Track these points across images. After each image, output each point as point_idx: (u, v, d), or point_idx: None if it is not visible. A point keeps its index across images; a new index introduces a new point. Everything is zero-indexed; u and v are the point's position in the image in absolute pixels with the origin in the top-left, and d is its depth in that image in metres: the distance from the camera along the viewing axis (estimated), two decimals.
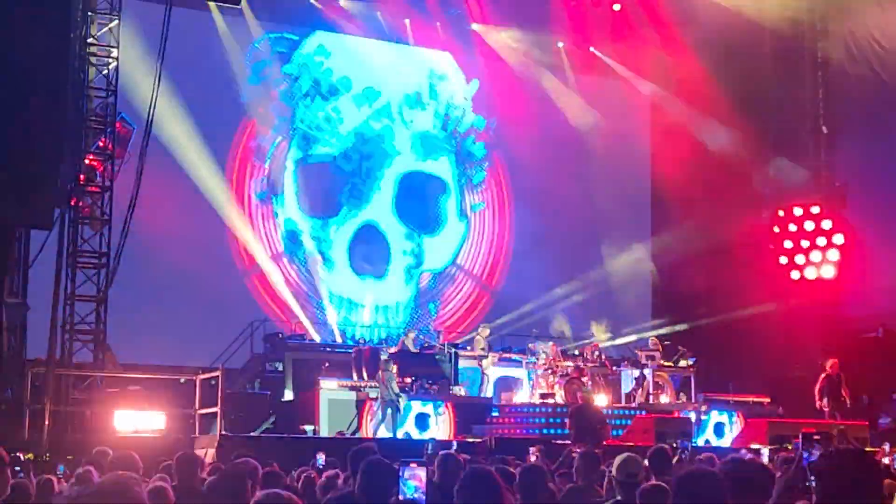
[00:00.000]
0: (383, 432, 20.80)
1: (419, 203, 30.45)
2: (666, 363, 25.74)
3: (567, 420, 19.38)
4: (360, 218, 29.42)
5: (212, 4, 25.66)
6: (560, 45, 31.44)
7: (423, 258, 30.17)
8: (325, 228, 28.95)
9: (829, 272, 29.35)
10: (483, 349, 24.73)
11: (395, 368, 21.44)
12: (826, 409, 23.01)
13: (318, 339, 26.83)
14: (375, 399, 21.44)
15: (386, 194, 29.83)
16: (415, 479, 5.80)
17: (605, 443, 17.09)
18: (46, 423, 17.49)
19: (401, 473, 5.93)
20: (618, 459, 7.41)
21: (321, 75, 29.18)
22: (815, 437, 5.21)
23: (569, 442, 17.13)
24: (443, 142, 30.82)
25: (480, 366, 24.67)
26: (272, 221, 28.49)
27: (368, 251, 29.43)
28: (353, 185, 29.41)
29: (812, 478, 4.97)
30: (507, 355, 25.92)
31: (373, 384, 21.92)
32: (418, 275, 30.08)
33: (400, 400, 21.35)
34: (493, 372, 25.10)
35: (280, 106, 28.75)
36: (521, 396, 24.86)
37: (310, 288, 28.54)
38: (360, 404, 21.71)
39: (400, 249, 29.88)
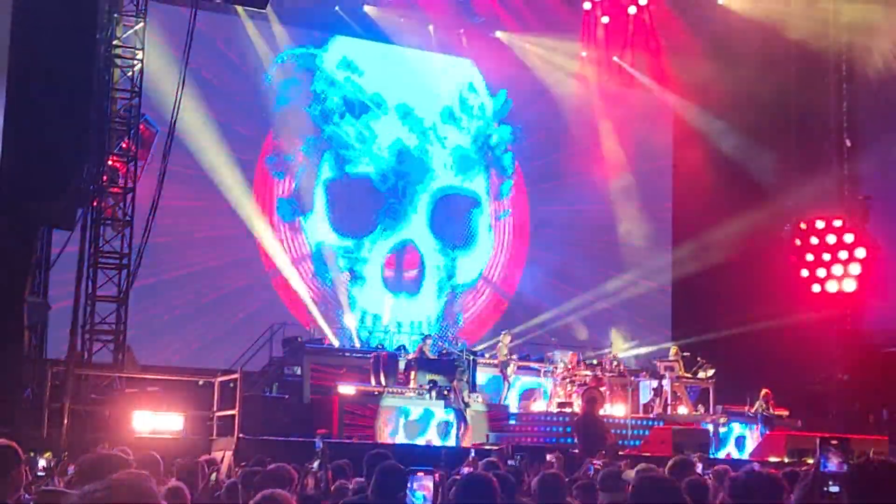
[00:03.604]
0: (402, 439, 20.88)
1: (453, 220, 30.38)
2: (685, 374, 25.68)
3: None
4: (397, 236, 29.43)
5: (238, 8, 25.73)
6: (584, 53, 31.43)
7: (455, 274, 30.16)
8: (359, 246, 28.89)
9: (850, 286, 29.21)
10: (506, 356, 24.73)
11: (466, 378, 21.79)
12: None
13: (336, 343, 26.85)
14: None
15: (422, 212, 29.81)
16: (422, 489, 5.83)
17: (609, 443, 17.06)
18: (65, 422, 17.55)
19: (409, 484, 5.97)
20: (637, 474, 7.32)
21: (350, 93, 29.05)
22: (833, 442, 5.19)
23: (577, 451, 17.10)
24: (477, 158, 30.79)
25: (503, 373, 24.67)
26: (296, 230, 28.45)
27: (403, 268, 29.40)
28: (390, 205, 29.36)
29: (830, 483, 4.96)
30: (526, 363, 25.95)
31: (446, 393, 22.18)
32: (448, 289, 30.08)
33: (467, 410, 21.54)
34: (516, 380, 25.15)
35: (309, 125, 28.65)
36: (539, 405, 24.86)
37: (331, 295, 28.54)
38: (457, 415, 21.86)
39: (434, 265, 29.89)
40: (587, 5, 30.37)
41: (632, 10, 30.31)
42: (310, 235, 28.63)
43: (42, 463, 11.16)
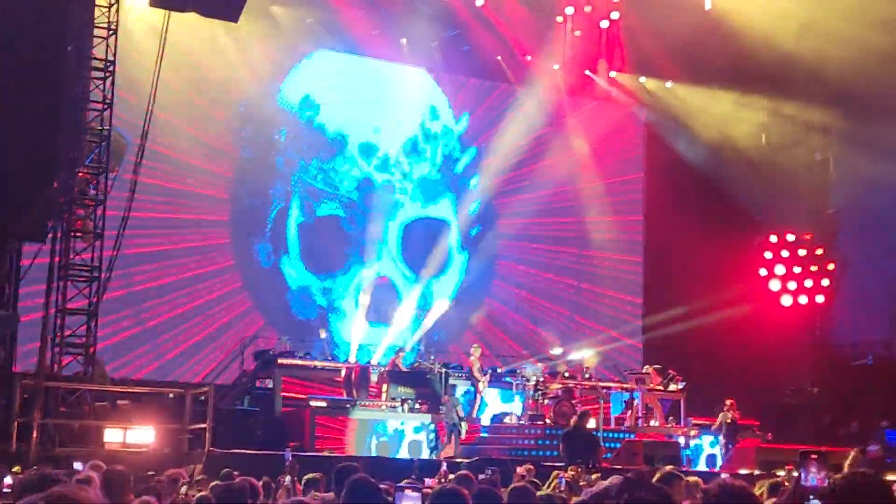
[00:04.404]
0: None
1: (424, 248, 30.06)
2: (656, 387, 25.76)
3: (558, 442, 19.40)
4: (370, 271, 29.18)
5: (214, 21, 25.65)
6: (555, 67, 31.52)
7: (431, 301, 29.81)
8: (333, 283, 28.81)
9: (820, 299, 29.41)
10: (479, 369, 24.73)
11: (459, 394, 22.42)
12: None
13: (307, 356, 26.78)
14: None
15: (391, 245, 29.71)
16: None
17: (601, 465, 17.11)
18: (34, 436, 17.42)
19: (396, 501, 5.94)
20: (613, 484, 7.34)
21: (312, 136, 28.90)
22: (813, 455, 5.21)
23: (557, 464, 17.11)
24: (441, 184, 30.69)
25: (476, 386, 24.67)
26: (275, 272, 28.30)
27: (378, 300, 29.13)
28: (359, 245, 29.24)
29: (811, 497, 4.97)
30: (498, 375, 25.96)
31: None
32: (424, 315, 29.80)
33: (461, 425, 21.66)
34: (488, 394, 25.19)
35: (274, 172, 28.55)
36: (511, 418, 24.87)
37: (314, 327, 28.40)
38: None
39: (408, 295, 29.58)
40: (559, 18, 30.46)
41: (604, 24, 30.42)
42: (288, 278, 28.49)
43: (8, 479, 11.02)
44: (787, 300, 29.78)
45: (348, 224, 29.27)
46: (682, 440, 23.79)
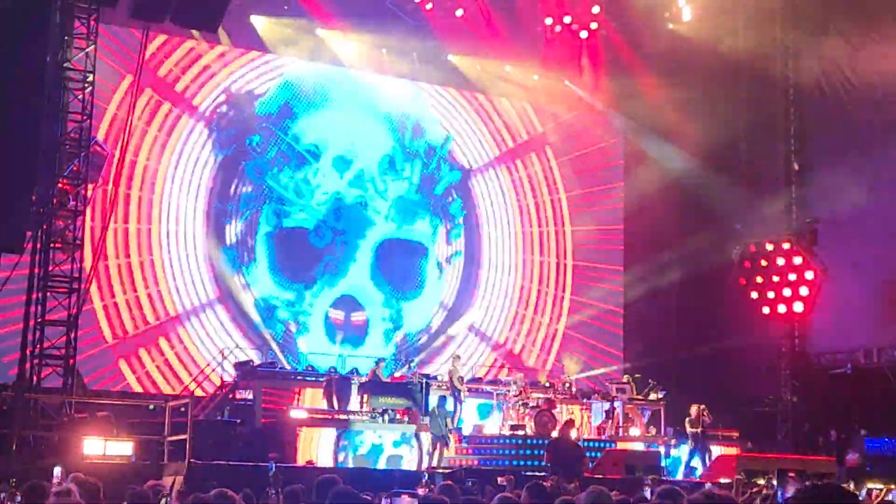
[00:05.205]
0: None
1: (398, 268, 29.84)
2: (636, 396, 25.81)
3: (540, 452, 19.44)
4: (338, 289, 28.85)
5: (194, 32, 25.64)
6: (535, 77, 31.60)
7: (401, 322, 29.67)
8: (300, 299, 28.44)
9: (798, 308, 29.48)
10: (459, 379, 24.73)
11: (447, 405, 22.46)
12: None
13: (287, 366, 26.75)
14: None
15: (363, 263, 29.24)
16: None
17: (583, 475, 17.12)
18: (14, 448, 17.31)
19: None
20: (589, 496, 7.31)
21: (287, 145, 28.60)
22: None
23: (538, 474, 17.13)
24: (420, 204, 30.33)
25: (456, 396, 24.65)
26: (241, 280, 28.14)
27: (346, 321, 28.89)
28: (328, 262, 28.85)
29: None
30: (478, 386, 25.96)
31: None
32: (394, 336, 29.63)
33: (449, 437, 21.69)
34: (469, 402, 25.21)
35: (245, 178, 28.22)
36: (492, 427, 24.86)
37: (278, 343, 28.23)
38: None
39: (378, 317, 29.36)
40: (539, 29, 30.55)
41: (583, 34, 30.53)
42: (253, 287, 28.14)
43: None
44: (765, 309, 29.83)
45: (316, 242, 28.81)
46: (661, 449, 23.83)
